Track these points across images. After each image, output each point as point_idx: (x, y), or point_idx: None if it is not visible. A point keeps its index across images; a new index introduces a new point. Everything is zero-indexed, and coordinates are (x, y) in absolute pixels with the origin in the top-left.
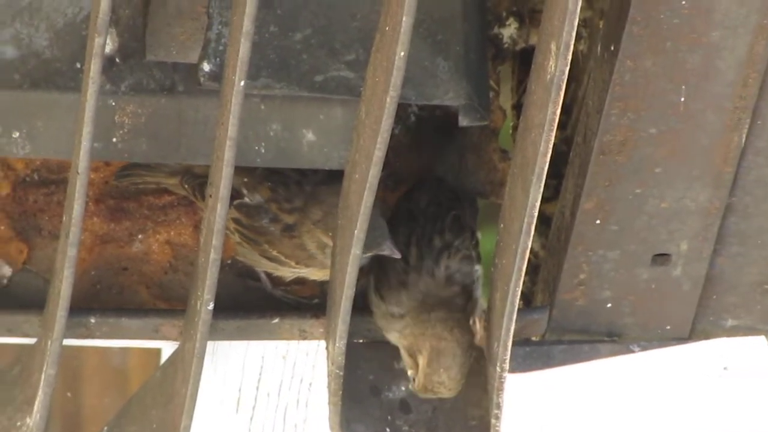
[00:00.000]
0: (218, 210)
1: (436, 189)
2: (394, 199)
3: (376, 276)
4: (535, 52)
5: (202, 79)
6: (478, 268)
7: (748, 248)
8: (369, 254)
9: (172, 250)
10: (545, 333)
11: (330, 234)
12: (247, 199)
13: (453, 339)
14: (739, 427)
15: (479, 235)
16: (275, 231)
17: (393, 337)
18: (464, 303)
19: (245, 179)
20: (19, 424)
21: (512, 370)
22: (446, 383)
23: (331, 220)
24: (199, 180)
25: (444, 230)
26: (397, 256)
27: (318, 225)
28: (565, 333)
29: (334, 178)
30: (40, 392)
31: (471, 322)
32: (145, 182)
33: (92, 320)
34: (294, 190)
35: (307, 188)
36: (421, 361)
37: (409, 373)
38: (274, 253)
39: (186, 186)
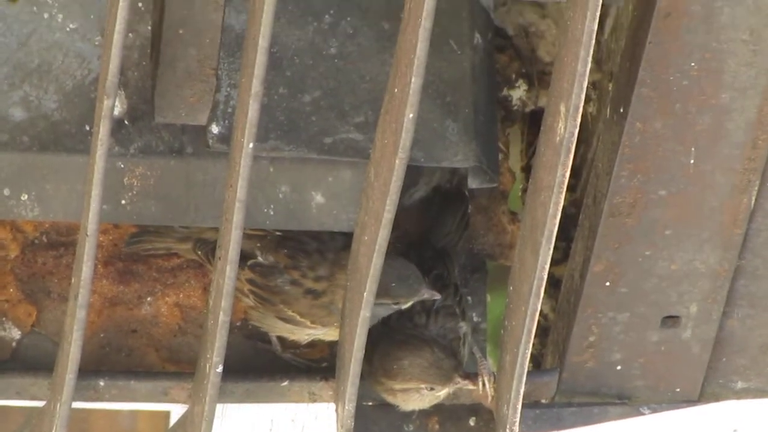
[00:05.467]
0: (227, 272)
1: (419, 252)
2: None
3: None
4: (545, 114)
5: (210, 141)
6: (463, 325)
7: (758, 310)
8: (410, 302)
9: (181, 313)
10: (555, 395)
11: None
12: (261, 259)
13: (406, 354)
14: None
15: (488, 297)
16: (291, 290)
17: (396, 402)
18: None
19: (258, 244)
20: None
21: None
22: (443, 365)
23: None
24: (211, 245)
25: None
26: (437, 297)
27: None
28: (575, 395)
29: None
30: None
31: (480, 383)
32: (156, 248)
33: (101, 383)
34: (316, 259)
35: (330, 256)
36: (422, 384)
37: (443, 394)
38: (290, 312)
39: (199, 252)
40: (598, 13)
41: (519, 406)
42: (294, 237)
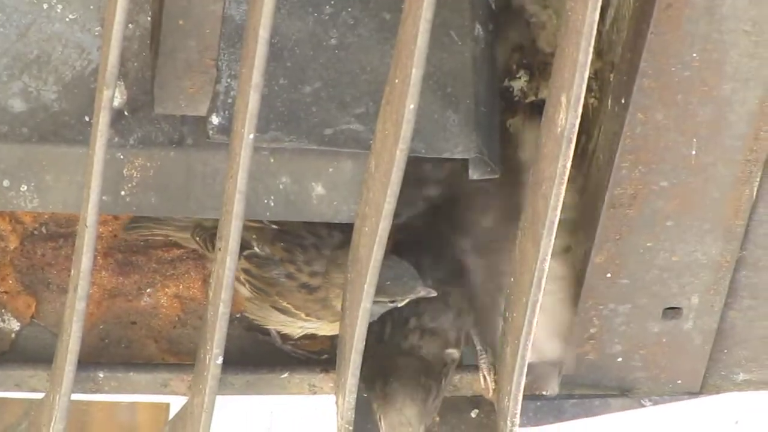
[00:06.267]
0: (227, 263)
1: (438, 253)
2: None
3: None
4: (546, 105)
5: (211, 132)
6: (452, 351)
7: (760, 302)
8: (406, 300)
9: (180, 304)
10: None
11: None
12: (257, 250)
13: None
14: None
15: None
16: (286, 283)
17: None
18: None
19: (254, 235)
20: None
21: (523, 424)
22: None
23: None
24: (210, 232)
25: (422, 313)
26: (433, 294)
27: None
28: (576, 387)
29: (349, 241)
30: None
31: (480, 377)
32: (154, 234)
33: (100, 375)
34: (313, 254)
35: (326, 252)
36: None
37: None
38: (284, 304)
39: (197, 238)
40: (599, 4)
41: (520, 398)
42: (292, 231)
